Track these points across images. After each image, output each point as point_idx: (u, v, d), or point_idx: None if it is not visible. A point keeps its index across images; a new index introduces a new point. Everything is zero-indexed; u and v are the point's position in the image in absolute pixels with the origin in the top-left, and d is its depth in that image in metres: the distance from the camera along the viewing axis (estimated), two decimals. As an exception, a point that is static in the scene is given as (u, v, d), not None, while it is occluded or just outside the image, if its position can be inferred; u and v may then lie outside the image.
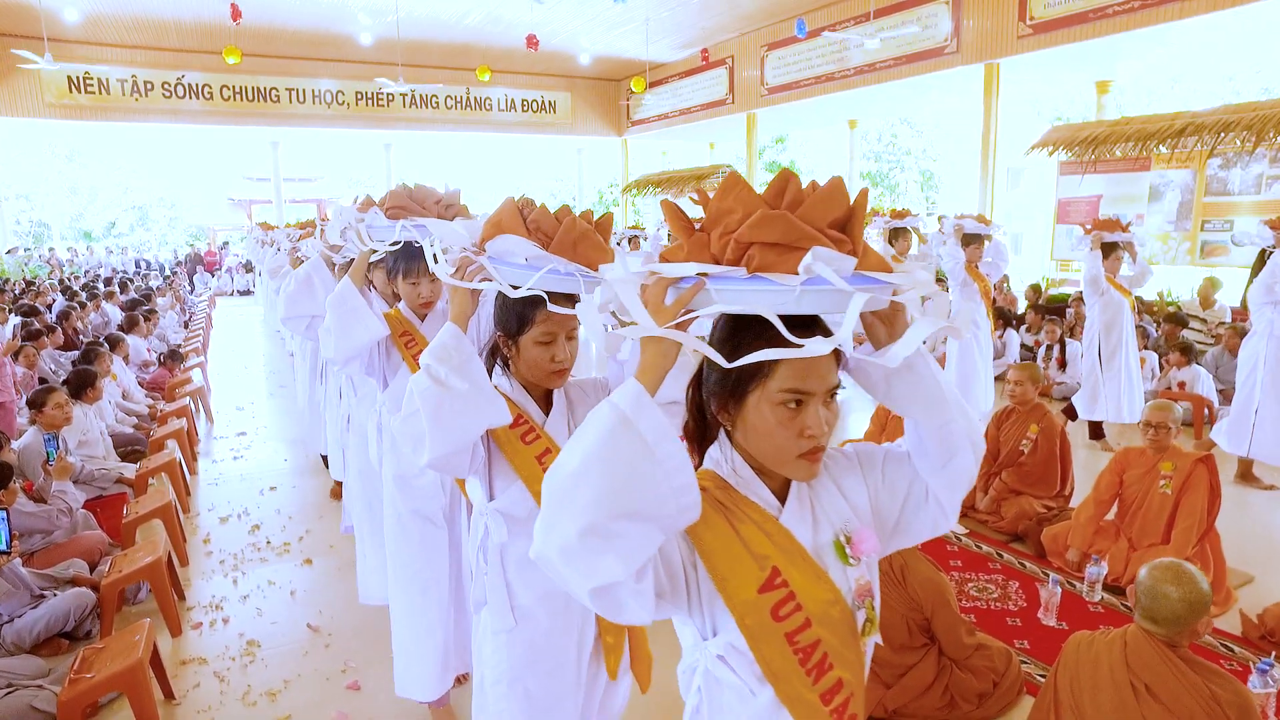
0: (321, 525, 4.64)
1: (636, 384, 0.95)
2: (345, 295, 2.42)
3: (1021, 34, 11.26)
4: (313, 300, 2.90)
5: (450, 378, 1.47)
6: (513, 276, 1.49)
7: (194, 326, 11.78)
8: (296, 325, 3.01)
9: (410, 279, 2.56)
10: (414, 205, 2.32)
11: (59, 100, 15.23)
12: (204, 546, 4.38)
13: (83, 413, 5.27)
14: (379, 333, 2.47)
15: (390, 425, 1.55)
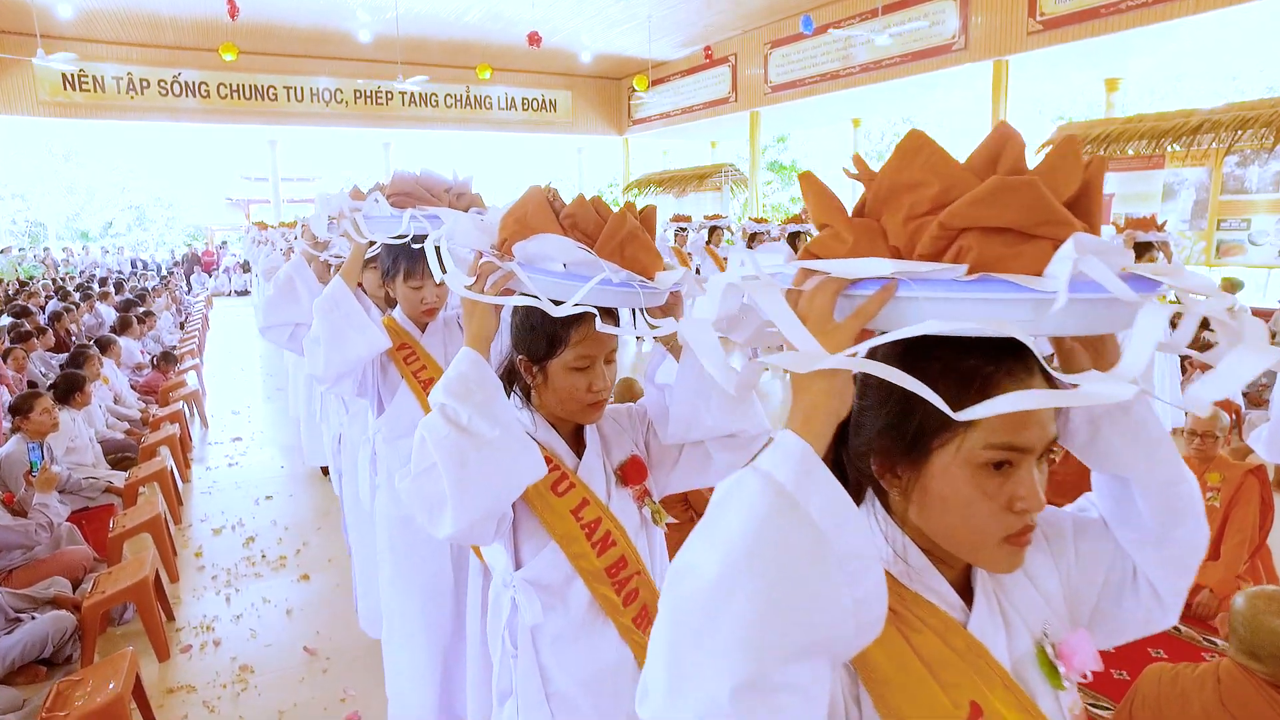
0: (319, 537, 4.43)
1: (798, 442, 0.66)
2: (337, 299, 2.07)
3: (1031, 30, 11.09)
4: (295, 306, 2.56)
5: (475, 422, 1.15)
6: (550, 288, 1.17)
7: (190, 327, 11.57)
8: (277, 335, 2.63)
9: (412, 281, 2.19)
10: (422, 192, 2.02)
11: (53, 98, 15.01)
12: (195, 560, 4.17)
13: (70, 418, 5.06)
14: (379, 345, 2.12)
15: (398, 486, 1.22)
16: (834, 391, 0.68)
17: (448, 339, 2.29)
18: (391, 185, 2.08)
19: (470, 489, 1.14)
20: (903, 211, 0.69)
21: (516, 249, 1.21)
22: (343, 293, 2.11)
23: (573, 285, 1.14)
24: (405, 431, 2.20)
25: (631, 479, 1.39)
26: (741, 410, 1.32)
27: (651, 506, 1.40)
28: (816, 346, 0.66)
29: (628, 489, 1.40)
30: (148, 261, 23.65)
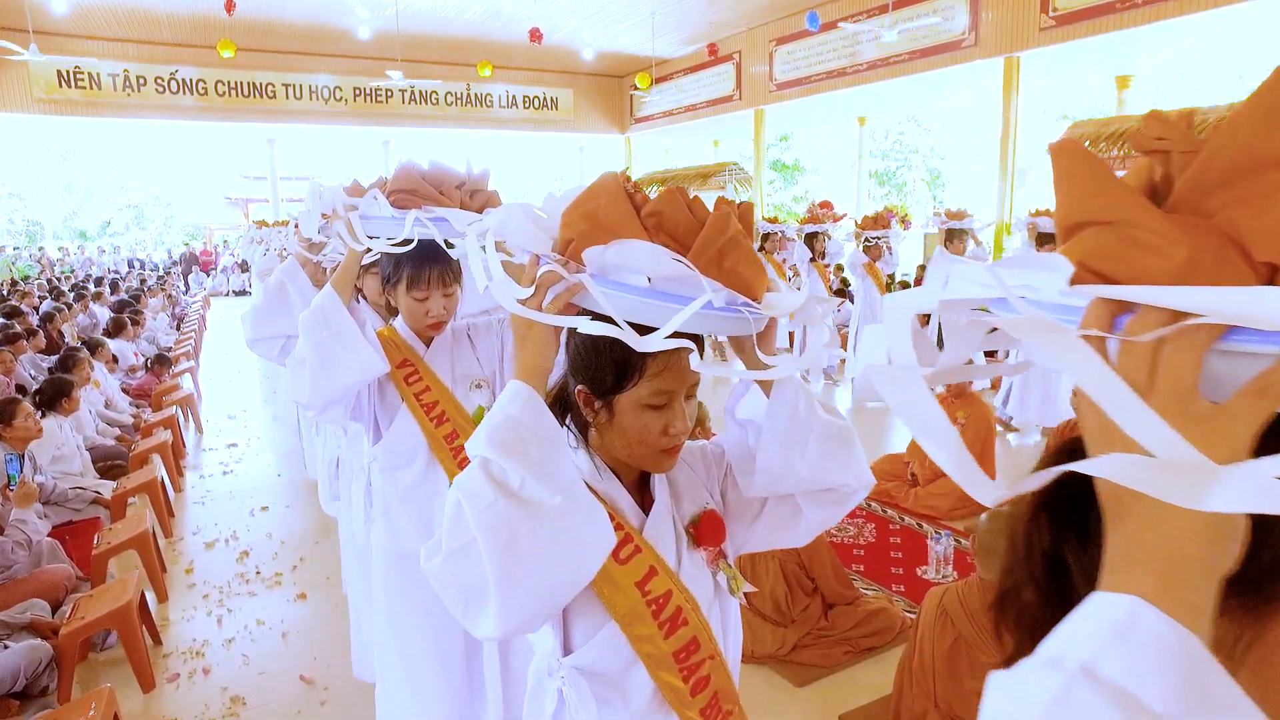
0: (316, 553, 4.20)
1: None
2: (326, 314, 1.78)
3: (1044, 26, 10.87)
4: (286, 315, 2.29)
5: (530, 486, 0.87)
6: (632, 308, 0.89)
7: (186, 328, 11.33)
8: (266, 349, 2.34)
9: (417, 291, 1.87)
10: (428, 190, 1.74)
11: (48, 95, 14.79)
12: (186, 577, 3.94)
13: (57, 425, 4.84)
14: (374, 369, 1.84)
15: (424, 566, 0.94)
16: None
17: (455, 355, 2.04)
18: (394, 180, 1.79)
19: (523, 577, 0.86)
20: None
21: (589, 255, 0.92)
22: (333, 306, 1.81)
23: (662, 307, 0.87)
24: (405, 460, 1.98)
25: (707, 539, 1.13)
26: (844, 459, 1.08)
27: (728, 572, 1.14)
28: (1189, 450, 0.40)
29: (701, 551, 1.13)
30: (145, 261, 23.41)
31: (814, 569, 3.13)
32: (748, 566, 3.15)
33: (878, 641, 3.12)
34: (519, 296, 0.94)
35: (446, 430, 1.90)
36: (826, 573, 3.14)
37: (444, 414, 1.90)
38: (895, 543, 4.28)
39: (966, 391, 4.83)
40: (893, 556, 4.10)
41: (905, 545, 4.23)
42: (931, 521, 4.50)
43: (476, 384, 1.98)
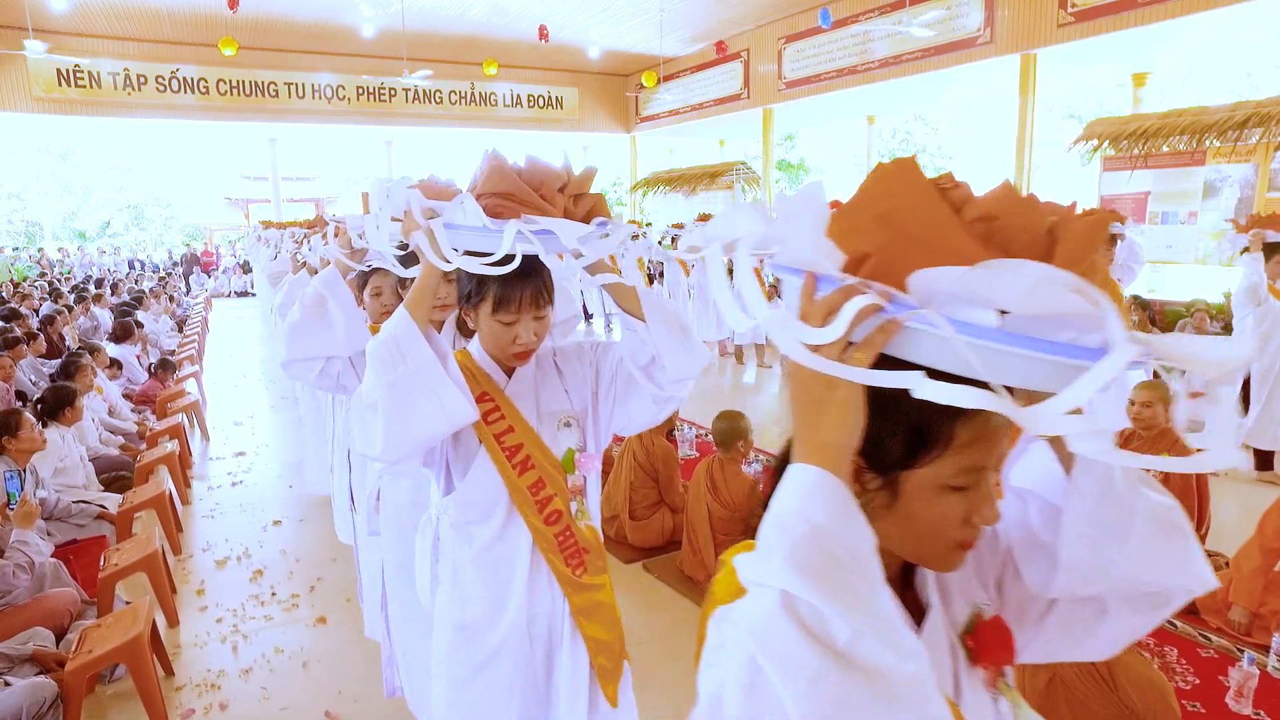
0: (334, 572, 3.98)
1: None
2: (403, 348, 1.43)
3: (1062, 22, 10.67)
4: (327, 334, 2.04)
5: (869, 645, 0.58)
6: (992, 358, 0.61)
7: (189, 331, 11.11)
8: (303, 370, 2.10)
9: (505, 313, 1.54)
10: (528, 194, 1.40)
11: (48, 94, 14.58)
12: (197, 599, 3.73)
13: (60, 436, 4.62)
14: (462, 417, 1.49)
15: None
16: None
17: (541, 387, 1.70)
18: (486, 181, 1.44)
19: None
20: None
21: (917, 282, 0.63)
22: (410, 338, 1.44)
23: (1041, 361, 0.60)
24: (481, 515, 1.64)
25: (990, 654, 0.83)
26: (1177, 552, 0.79)
27: (1009, 696, 0.84)
28: None
29: (981, 670, 0.84)
30: (145, 262, 23.19)
31: None
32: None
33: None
34: (815, 340, 0.64)
35: (531, 479, 1.61)
36: None
37: (529, 459, 1.61)
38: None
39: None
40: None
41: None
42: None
43: (565, 421, 1.67)
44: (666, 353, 1.54)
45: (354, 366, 2.11)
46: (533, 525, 1.63)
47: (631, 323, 1.57)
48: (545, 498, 1.63)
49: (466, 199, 1.43)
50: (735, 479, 3.64)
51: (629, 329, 1.59)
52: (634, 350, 1.62)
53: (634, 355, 1.62)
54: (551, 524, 1.63)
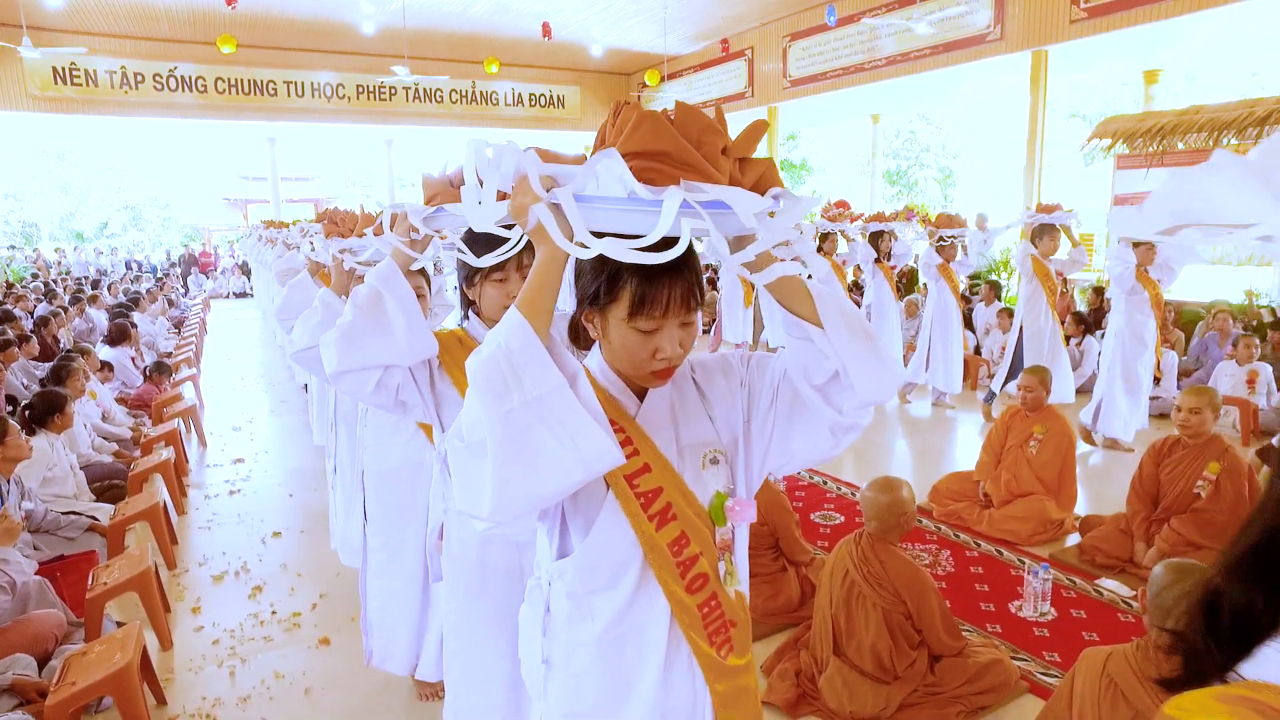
0: (338, 588, 3.77)
1: None
2: (520, 368, 1.03)
3: (1075, 18, 10.48)
4: (386, 338, 1.68)
5: None
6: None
7: (186, 332, 10.90)
8: (358, 383, 1.72)
9: (645, 318, 1.22)
10: (690, 155, 1.01)
11: (44, 92, 14.39)
12: (192, 618, 3.52)
13: (49, 444, 4.41)
14: (604, 462, 1.05)
15: None
16: None
17: (680, 412, 1.30)
18: (632, 136, 1.03)
19: None
20: None
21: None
22: (534, 356, 1.04)
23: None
24: (606, 582, 1.26)
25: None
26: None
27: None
28: None
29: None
30: (142, 262, 22.97)
31: (921, 618, 2.71)
32: (846, 613, 2.74)
33: (993, 699, 2.71)
34: None
35: (672, 534, 1.24)
36: (935, 622, 2.72)
37: (669, 508, 1.24)
38: (977, 573, 3.86)
39: (1044, 406, 4.42)
40: (978, 589, 3.69)
41: (989, 576, 3.81)
42: (1011, 548, 4.09)
43: (711, 457, 1.28)
44: (854, 367, 1.14)
45: (415, 378, 1.79)
46: (672, 594, 1.27)
47: (804, 329, 1.16)
48: (689, 558, 1.26)
49: (608, 157, 1.00)
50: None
51: (800, 337, 1.18)
52: (807, 364, 1.21)
53: (807, 371, 1.21)
54: (695, 591, 1.26)
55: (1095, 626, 3.32)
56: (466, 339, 1.89)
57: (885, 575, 2.71)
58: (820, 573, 3.02)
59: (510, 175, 1.05)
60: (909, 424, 6.77)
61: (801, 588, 3.39)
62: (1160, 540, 3.69)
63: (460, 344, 1.86)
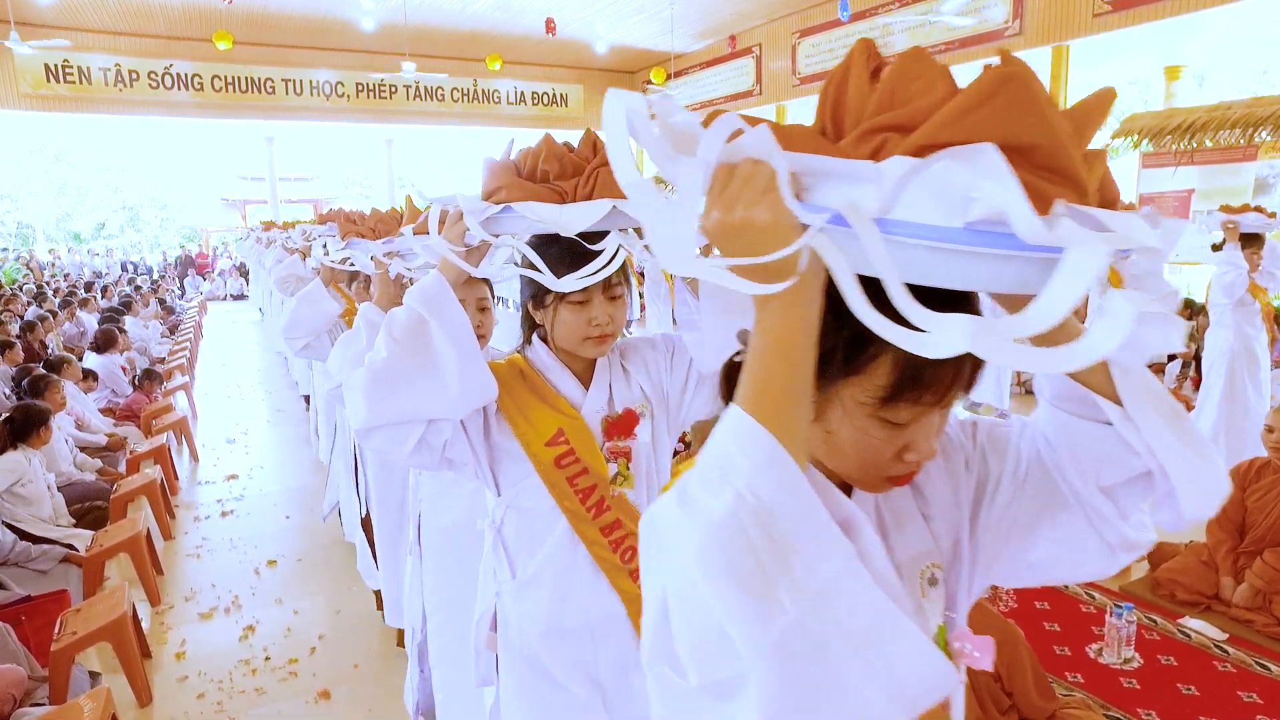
0: (338, 627, 3.41)
1: None
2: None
3: (1098, 11, 10.13)
4: (433, 382, 1.27)
5: None
6: None
7: (181, 336, 10.53)
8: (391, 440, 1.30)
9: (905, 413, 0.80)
10: (1070, 160, 0.58)
11: (35, 90, 14.02)
12: (176, 666, 3.15)
13: (26, 459, 4.05)
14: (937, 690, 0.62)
15: None
16: None
17: (888, 516, 0.87)
18: (983, 106, 0.57)
19: None
20: None
21: None
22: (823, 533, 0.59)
23: None
24: None
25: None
26: None
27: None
28: None
29: None
30: (138, 264, 22.61)
31: (1013, 679, 2.35)
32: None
33: (1093, 771, 2.35)
34: None
35: None
36: (1027, 682, 2.36)
37: None
38: (1043, 608, 3.50)
39: None
40: (1048, 629, 3.33)
41: (1058, 613, 3.45)
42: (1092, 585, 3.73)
43: (930, 576, 0.82)
44: (1177, 469, 0.75)
45: (466, 431, 1.38)
46: None
47: (1095, 404, 0.77)
48: None
49: (975, 155, 0.53)
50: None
51: (1083, 416, 0.81)
52: (1097, 457, 0.81)
53: (1096, 466, 0.82)
54: None
55: (1190, 677, 2.96)
56: (530, 372, 1.48)
57: None
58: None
59: (708, 162, 0.62)
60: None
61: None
62: (1252, 575, 3.32)
63: (522, 378, 1.46)
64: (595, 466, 1.41)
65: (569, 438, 1.40)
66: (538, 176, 1.25)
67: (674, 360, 1.51)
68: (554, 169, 1.25)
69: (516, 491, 1.43)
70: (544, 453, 1.39)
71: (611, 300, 1.38)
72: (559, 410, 1.42)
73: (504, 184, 1.26)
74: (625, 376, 1.49)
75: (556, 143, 1.23)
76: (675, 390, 1.50)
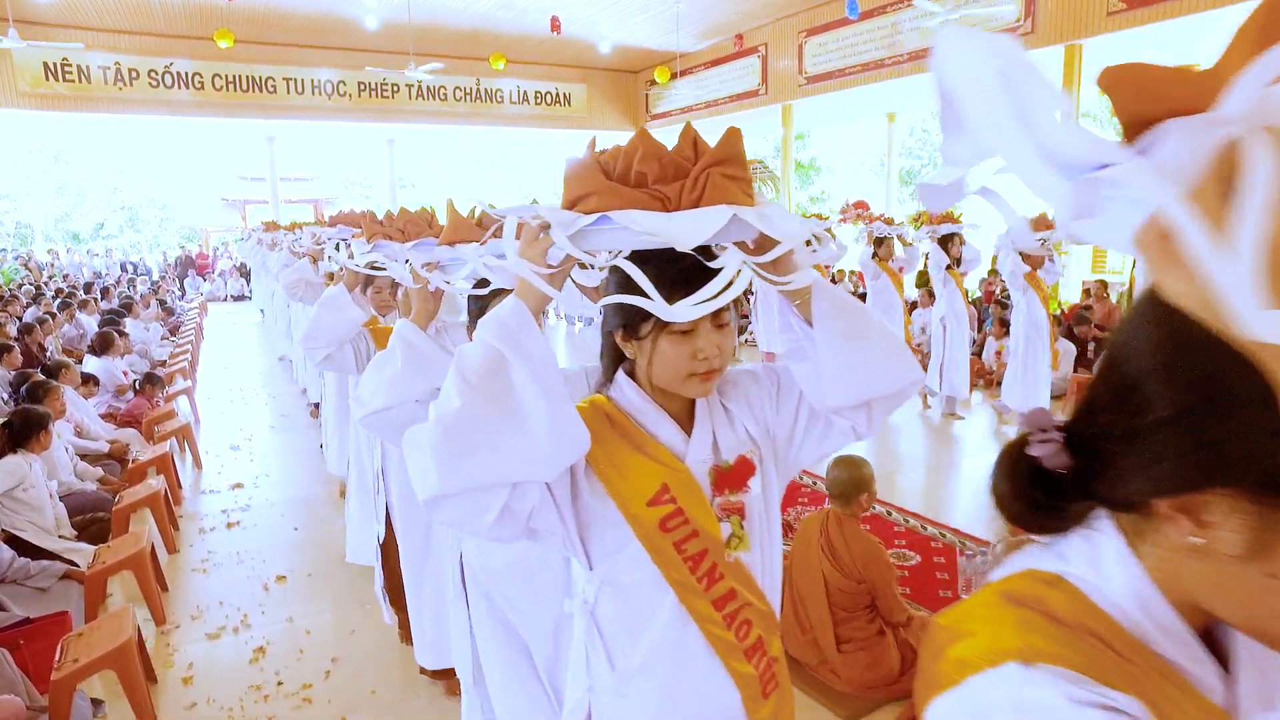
0: (354, 649, 3.25)
1: None
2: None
3: (1113, 9, 9.96)
4: (520, 438, 1.02)
5: None
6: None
7: (182, 337, 10.36)
8: (467, 510, 1.04)
9: None
10: None
11: (34, 89, 13.85)
12: (184, 692, 2.99)
13: (26, 464, 3.90)
14: None
15: None
16: None
17: None
18: None
19: None
20: None
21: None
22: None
23: None
24: None
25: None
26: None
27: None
28: None
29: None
30: (138, 264, 22.42)
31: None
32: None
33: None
34: None
35: None
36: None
37: None
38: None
39: None
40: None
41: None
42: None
43: None
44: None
45: (554, 496, 1.14)
46: None
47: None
48: None
49: None
50: (856, 540, 2.88)
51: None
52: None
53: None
54: None
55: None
56: (619, 416, 1.23)
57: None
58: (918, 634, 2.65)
59: None
60: (985, 449, 6.27)
61: (901, 653, 2.87)
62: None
63: (610, 424, 1.22)
64: (707, 527, 1.18)
65: (675, 494, 1.17)
66: (632, 179, 1.04)
67: (780, 395, 1.29)
68: (652, 170, 1.02)
69: (613, 564, 1.20)
70: (646, 514, 1.16)
71: (719, 328, 1.16)
72: (660, 461, 1.19)
73: (593, 189, 1.04)
74: (727, 417, 1.26)
75: (653, 138, 1.05)
76: (783, 430, 1.28)
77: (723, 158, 1.04)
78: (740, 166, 1.05)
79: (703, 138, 1.08)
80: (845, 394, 1.17)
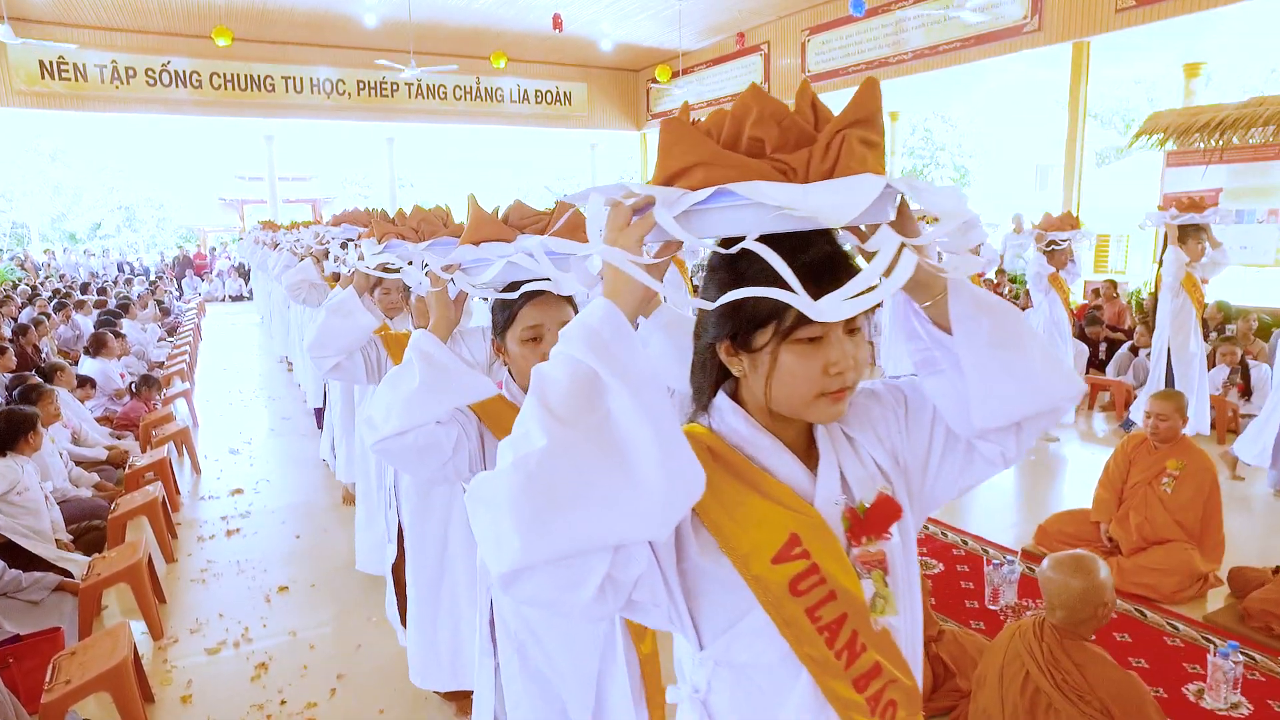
0: (360, 664, 3.12)
1: None
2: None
3: (1121, 6, 9.85)
4: (627, 488, 0.76)
5: None
6: None
7: (180, 338, 10.22)
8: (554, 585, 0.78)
9: None
10: None
11: (30, 87, 13.70)
12: (183, 711, 2.86)
13: (18, 466, 3.77)
14: None
15: None
16: None
17: None
18: None
19: None
20: None
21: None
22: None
23: None
24: None
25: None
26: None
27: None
28: None
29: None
30: (135, 265, 22.26)
31: None
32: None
33: None
34: None
35: None
36: None
37: None
38: (1125, 640, 3.21)
39: (1179, 437, 3.79)
40: (1135, 665, 3.05)
41: (1141, 646, 3.17)
42: (1153, 607, 3.45)
43: None
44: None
45: (657, 558, 0.89)
46: None
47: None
48: None
49: None
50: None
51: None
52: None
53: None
54: None
55: (1304, 723, 2.69)
56: (726, 451, 0.99)
57: (1086, 685, 2.07)
58: (979, 666, 2.38)
59: None
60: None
61: (933, 669, 2.74)
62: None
63: (715, 461, 0.97)
64: (848, 586, 0.94)
65: (808, 546, 0.93)
66: (744, 147, 0.83)
67: (909, 417, 1.06)
68: (771, 136, 0.82)
69: (730, 640, 0.96)
70: (771, 574, 0.92)
71: (850, 334, 0.94)
72: (784, 505, 0.94)
73: (701, 159, 0.83)
74: (851, 446, 1.03)
75: (770, 96, 0.83)
76: (917, 459, 1.05)
77: (860, 117, 0.82)
78: (878, 130, 0.85)
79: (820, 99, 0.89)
80: (995, 413, 0.96)
